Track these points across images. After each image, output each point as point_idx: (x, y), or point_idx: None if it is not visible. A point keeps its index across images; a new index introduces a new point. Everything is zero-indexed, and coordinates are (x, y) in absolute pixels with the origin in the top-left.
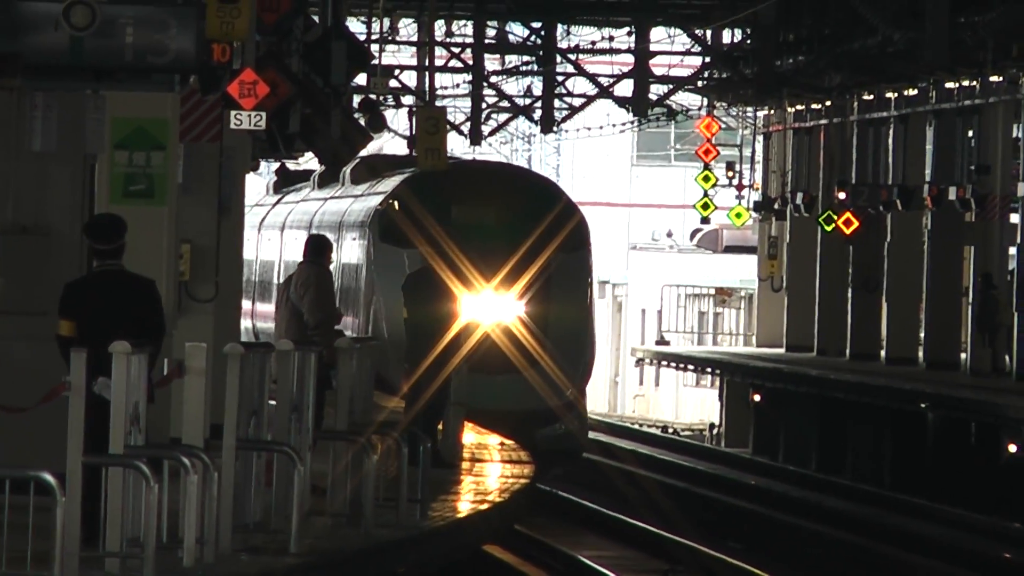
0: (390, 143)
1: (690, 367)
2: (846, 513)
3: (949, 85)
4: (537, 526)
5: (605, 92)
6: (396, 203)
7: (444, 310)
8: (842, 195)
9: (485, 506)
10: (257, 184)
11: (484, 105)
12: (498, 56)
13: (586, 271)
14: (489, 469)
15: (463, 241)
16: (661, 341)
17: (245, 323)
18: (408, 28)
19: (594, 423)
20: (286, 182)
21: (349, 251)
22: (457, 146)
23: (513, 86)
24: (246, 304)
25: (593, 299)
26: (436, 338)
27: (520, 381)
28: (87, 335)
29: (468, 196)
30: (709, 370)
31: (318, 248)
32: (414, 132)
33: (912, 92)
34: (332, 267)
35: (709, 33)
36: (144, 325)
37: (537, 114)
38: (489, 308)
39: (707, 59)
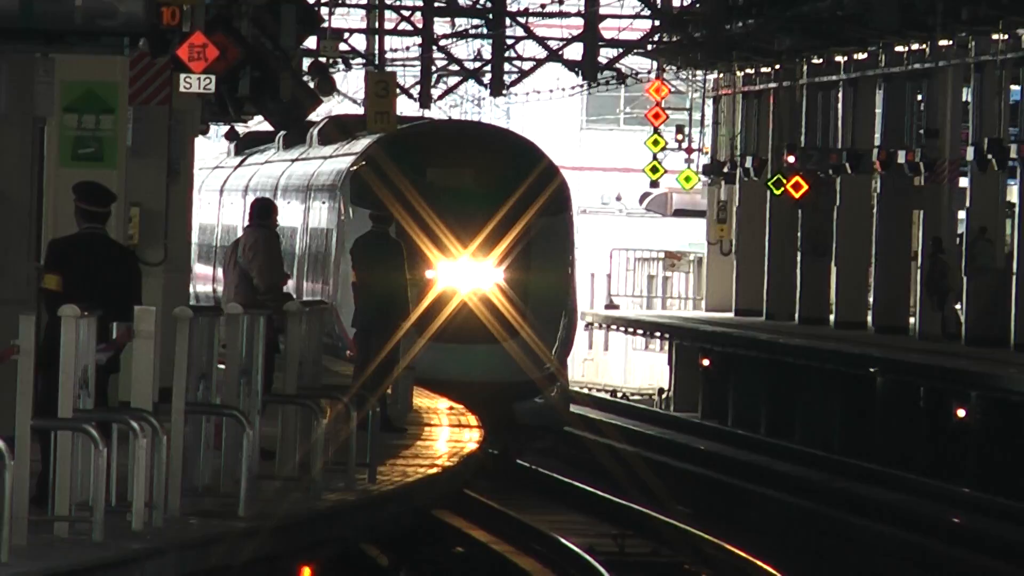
0: (339, 107)
1: (639, 331)
2: (795, 477)
3: (899, 49)
4: (486, 491)
5: (555, 55)
6: (368, 164)
7: (392, 274)
8: (791, 159)
9: (434, 470)
10: (215, 147)
11: (433, 68)
12: (448, 19)
13: (568, 236)
14: (438, 434)
15: (439, 204)
16: (610, 305)
17: (206, 288)
18: None
19: None
20: (249, 143)
21: (318, 215)
22: (406, 110)
23: (463, 49)
24: (207, 270)
25: (575, 265)
26: (384, 302)
27: (498, 351)
28: (70, 294)
29: (444, 157)
30: (658, 334)
31: (264, 211)
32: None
33: (862, 56)
34: (297, 232)
35: None
36: (124, 291)
37: (487, 77)
38: (466, 274)
39: (657, 22)
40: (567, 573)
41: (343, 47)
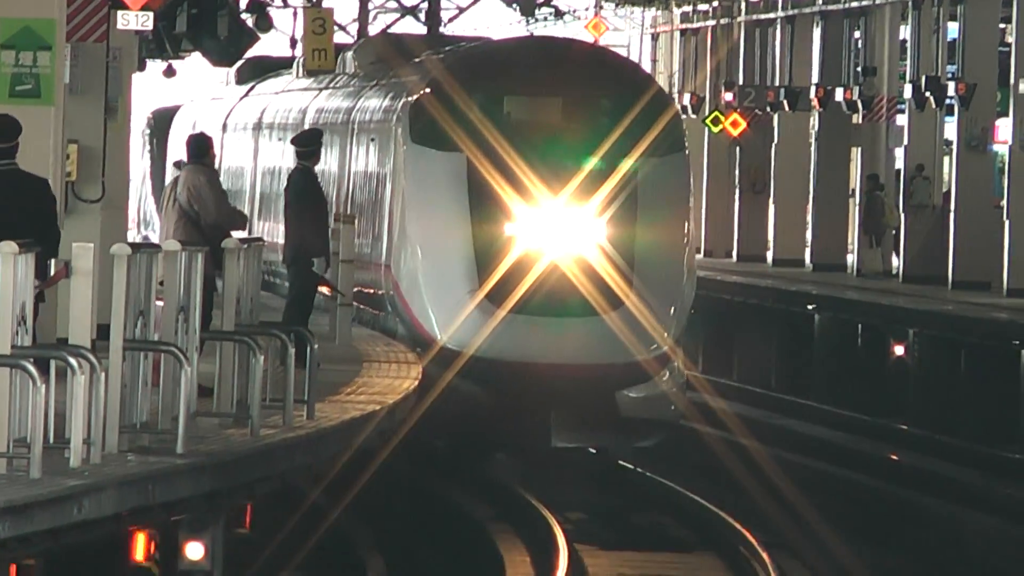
0: (275, 44)
1: None
2: (733, 415)
3: None
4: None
5: None
6: (432, 94)
7: (310, 213)
8: (729, 96)
9: (373, 407)
10: (148, 83)
11: (371, 5)
12: None
13: (683, 181)
14: (377, 370)
15: (521, 142)
16: None
17: None
18: None
19: None
20: (256, 71)
21: (364, 156)
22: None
23: None
24: None
25: (691, 218)
26: (304, 239)
27: (598, 326)
28: None
29: (527, 83)
30: None
31: (202, 147)
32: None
33: None
34: (334, 177)
35: None
36: (42, 223)
37: (424, 14)
38: (556, 230)
39: None
40: (520, 518)
41: None
